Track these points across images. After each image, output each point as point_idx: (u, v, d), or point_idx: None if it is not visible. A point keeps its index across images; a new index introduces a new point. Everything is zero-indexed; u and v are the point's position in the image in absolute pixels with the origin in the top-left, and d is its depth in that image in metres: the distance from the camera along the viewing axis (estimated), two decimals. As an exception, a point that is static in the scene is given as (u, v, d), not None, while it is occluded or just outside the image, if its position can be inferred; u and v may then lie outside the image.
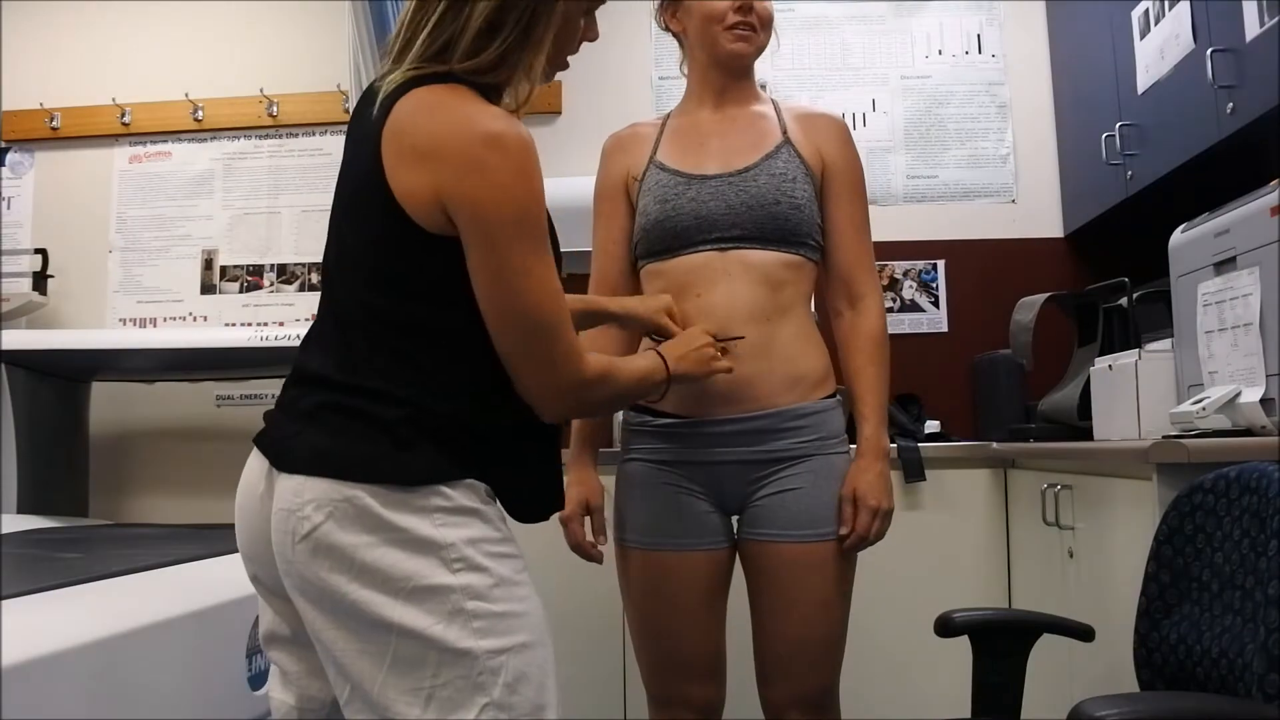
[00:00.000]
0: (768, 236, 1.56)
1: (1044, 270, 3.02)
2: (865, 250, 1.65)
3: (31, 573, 1.70)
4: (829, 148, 1.64)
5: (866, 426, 1.57)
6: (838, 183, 1.63)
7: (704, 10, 1.61)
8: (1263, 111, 1.86)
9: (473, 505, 1.10)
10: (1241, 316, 1.63)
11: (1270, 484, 1.15)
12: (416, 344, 1.13)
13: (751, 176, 1.58)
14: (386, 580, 1.04)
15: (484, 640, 1.05)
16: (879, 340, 1.60)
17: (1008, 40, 3.21)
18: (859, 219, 1.64)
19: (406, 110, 1.11)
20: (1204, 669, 1.21)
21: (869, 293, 1.62)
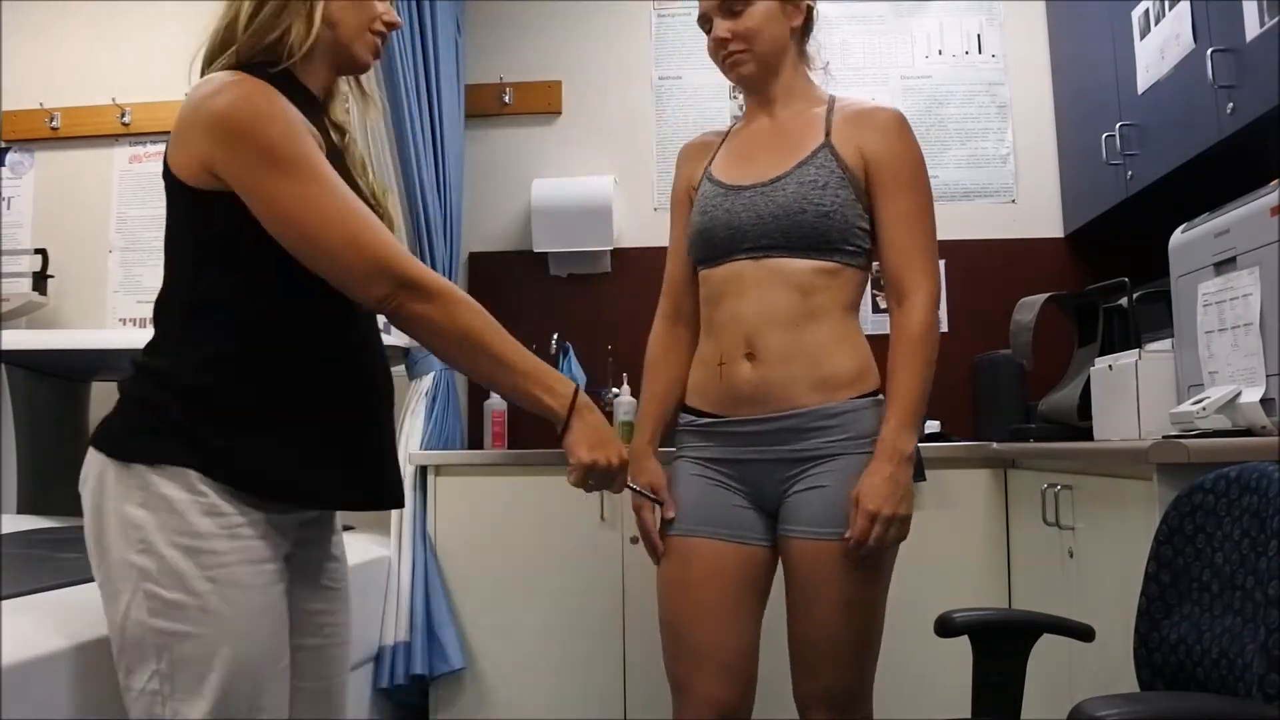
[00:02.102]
0: (795, 245, 1.57)
1: (1044, 270, 3.02)
2: (914, 246, 1.59)
3: (31, 573, 1.70)
4: (874, 143, 1.61)
5: (885, 428, 1.54)
6: (883, 177, 1.60)
7: (707, 46, 1.72)
8: (1263, 111, 1.86)
9: (168, 493, 1.17)
10: (1241, 316, 1.63)
11: (1270, 484, 1.15)
12: (174, 319, 1.26)
13: (781, 185, 1.59)
14: (99, 546, 1.21)
15: (154, 620, 1.17)
16: (917, 340, 1.55)
17: (1008, 40, 3.21)
18: (908, 212, 1.60)
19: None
20: (1204, 669, 1.21)
21: (915, 290, 1.57)
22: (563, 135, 3.33)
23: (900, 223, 1.59)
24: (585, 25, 3.34)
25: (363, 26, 1.34)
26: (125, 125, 3.43)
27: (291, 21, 1.26)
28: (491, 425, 3.02)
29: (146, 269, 3.41)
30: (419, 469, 2.66)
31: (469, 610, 2.60)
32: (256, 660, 1.20)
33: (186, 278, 1.28)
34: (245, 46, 1.27)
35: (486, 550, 2.63)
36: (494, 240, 3.31)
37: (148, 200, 3.43)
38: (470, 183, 3.18)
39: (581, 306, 3.23)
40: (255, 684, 1.20)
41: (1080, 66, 2.93)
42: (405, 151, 2.66)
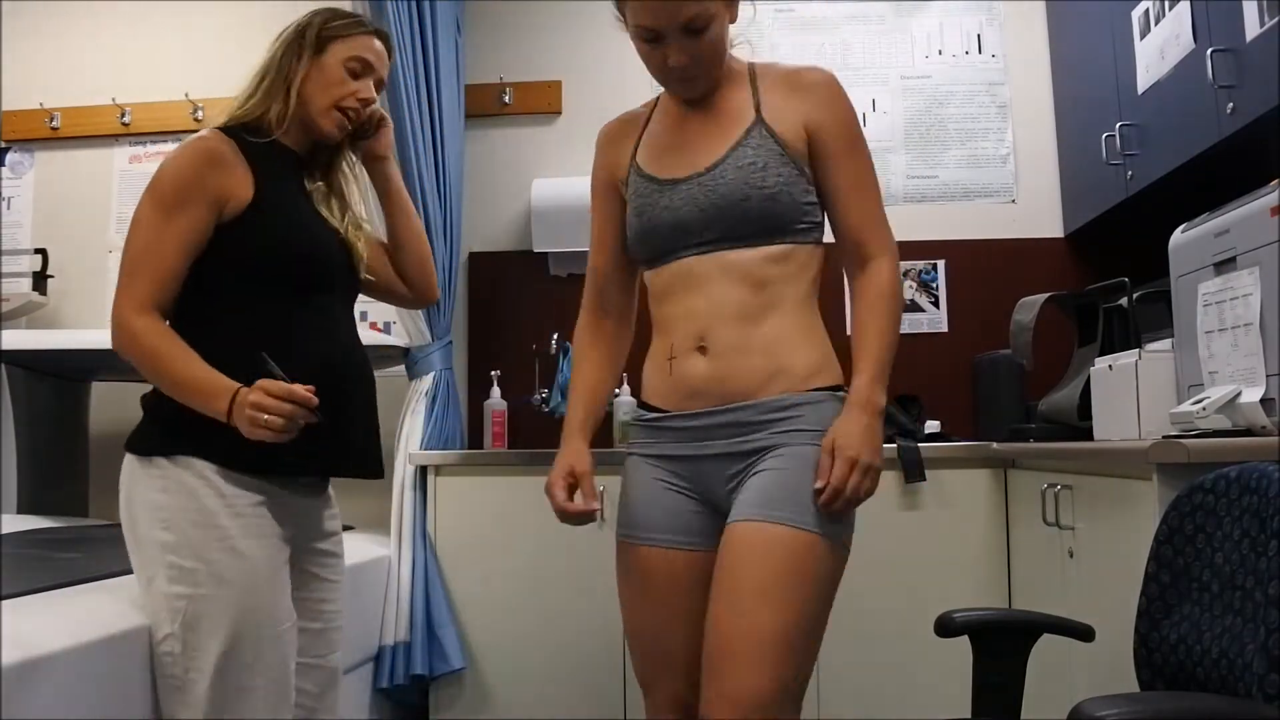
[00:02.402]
0: (744, 234, 1.49)
1: (1044, 270, 3.02)
2: (871, 209, 1.52)
3: (31, 573, 1.70)
4: (814, 111, 1.51)
5: (858, 378, 1.46)
6: (830, 147, 1.51)
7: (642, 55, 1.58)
8: (1263, 111, 1.86)
9: (182, 479, 1.44)
10: (1241, 316, 1.63)
11: (1270, 484, 1.15)
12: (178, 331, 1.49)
13: (719, 174, 1.49)
14: (133, 533, 1.47)
15: (173, 586, 1.42)
16: (885, 293, 1.49)
17: (1008, 40, 3.21)
18: (858, 177, 1.52)
19: None
20: (1204, 669, 1.21)
21: (879, 253, 1.51)
22: (563, 135, 3.33)
23: (853, 190, 1.52)
24: (585, 25, 3.34)
25: (329, 105, 1.62)
26: (125, 125, 3.43)
27: (272, 103, 1.61)
28: (491, 425, 3.03)
29: (146, 269, 3.41)
30: (419, 469, 2.66)
31: (469, 610, 2.60)
32: (258, 619, 1.44)
33: (183, 296, 1.52)
34: (236, 116, 1.63)
35: (486, 550, 2.63)
36: (494, 240, 3.31)
37: (148, 200, 3.43)
38: (470, 183, 3.18)
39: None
40: (257, 642, 1.43)
41: (1080, 66, 2.93)
42: (405, 151, 2.66)
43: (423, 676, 2.51)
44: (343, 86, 1.62)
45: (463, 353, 3.22)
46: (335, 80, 1.62)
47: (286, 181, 1.62)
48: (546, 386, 3.13)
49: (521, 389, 3.15)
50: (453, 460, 2.69)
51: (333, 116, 1.62)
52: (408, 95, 2.65)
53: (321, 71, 1.62)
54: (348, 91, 1.62)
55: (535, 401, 3.13)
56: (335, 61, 1.63)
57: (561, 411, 3.18)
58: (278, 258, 1.54)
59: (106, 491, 3.27)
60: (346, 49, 1.64)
